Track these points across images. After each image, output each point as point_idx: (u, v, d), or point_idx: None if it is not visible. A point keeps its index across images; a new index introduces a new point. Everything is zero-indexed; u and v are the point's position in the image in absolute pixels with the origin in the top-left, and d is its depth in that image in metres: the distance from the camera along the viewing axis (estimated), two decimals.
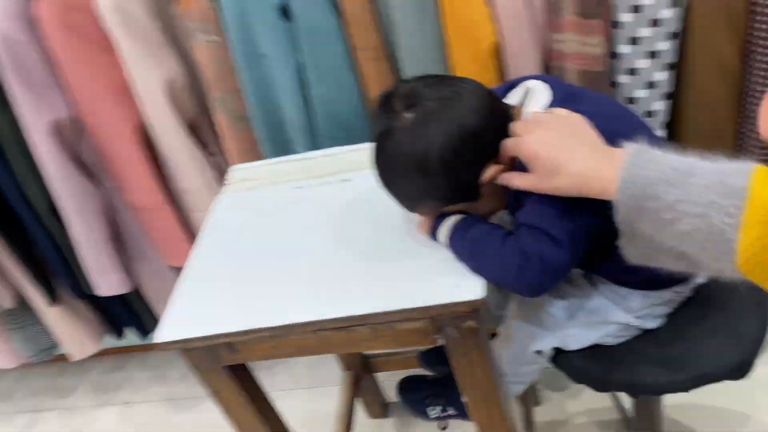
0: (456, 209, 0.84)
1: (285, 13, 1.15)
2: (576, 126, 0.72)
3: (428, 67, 1.12)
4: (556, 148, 0.69)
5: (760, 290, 0.94)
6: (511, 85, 0.88)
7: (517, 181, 0.75)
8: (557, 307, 0.95)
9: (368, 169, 0.93)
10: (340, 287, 0.85)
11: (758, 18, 1.03)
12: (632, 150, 0.64)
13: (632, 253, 0.68)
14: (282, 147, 1.29)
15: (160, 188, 1.38)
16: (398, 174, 0.81)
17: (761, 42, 1.04)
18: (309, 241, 0.95)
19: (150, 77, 1.25)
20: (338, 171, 1.09)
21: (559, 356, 0.95)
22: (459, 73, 1.12)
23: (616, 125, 0.77)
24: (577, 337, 0.94)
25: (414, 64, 1.13)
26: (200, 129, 1.39)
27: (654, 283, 0.91)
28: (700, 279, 0.94)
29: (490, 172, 0.78)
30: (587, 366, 0.93)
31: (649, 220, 0.61)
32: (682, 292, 0.94)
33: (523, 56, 1.09)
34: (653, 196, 0.59)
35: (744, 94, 1.11)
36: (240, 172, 1.16)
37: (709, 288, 0.94)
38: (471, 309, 0.79)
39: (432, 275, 0.83)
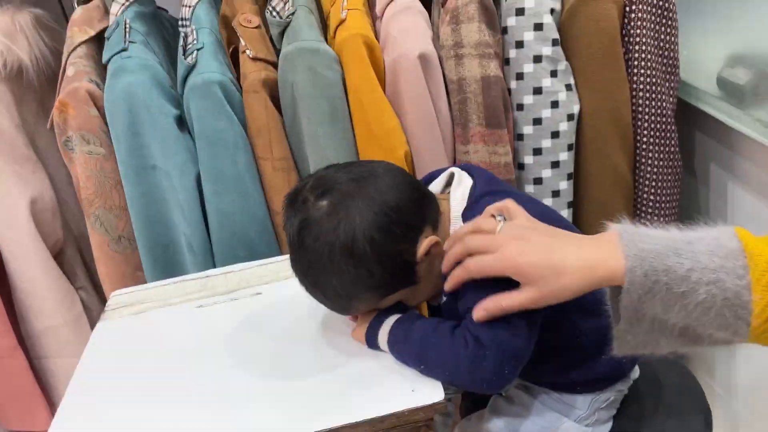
0: (395, 299, 0.76)
1: (181, 121, 1.08)
2: (536, 223, 0.68)
3: None
4: (544, 251, 0.63)
5: (690, 383, 0.94)
6: (431, 176, 0.86)
7: (509, 302, 0.65)
8: (500, 428, 0.86)
9: (281, 280, 0.87)
10: (272, 411, 0.71)
11: (644, 133, 1.13)
12: (619, 229, 0.60)
13: (628, 342, 0.61)
14: (170, 270, 1.14)
15: (9, 329, 1.15)
16: (325, 269, 0.72)
17: (650, 155, 1.13)
18: (220, 365, 0.80)
19: (12, 195, 1.09)
20: (246, 286, 0.97)
21: None
22: None
23: (541, 210, 0.75)
24: None
25: None
26: (66, 257, 1.21)
27: (598, 383, 0.86)
28: (635, 374, 0.90)
29: (424, 245, 0.72)
30: None
31: (660, 298, 0.55)
32: (622, 390, 0.89)
33: (434, 166, 1.09)
34: (665, 270, 0.55)
35: (635, 202, 1.18)
36: (124, 296, 0.99)
37: (637, 385, 0.92)
38: (430, 416, 0.68)
39: (379, 383, 0.72)
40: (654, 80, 1.10)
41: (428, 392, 0.69)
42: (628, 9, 1.07)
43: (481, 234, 0.68)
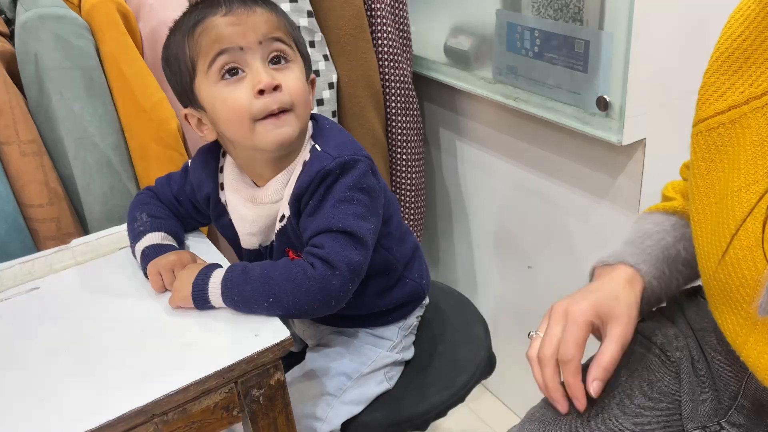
0: None
1: None
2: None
3: (108, 154, 0.98)
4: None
5: (464, 302, 1.09)
6: None
7: (609, 356, 0.61)
8: (337, 374, 0.89)
9: (58, 272, 0.83)
10: (116, 386, 0.64)
11: (392, 98, 1.25)
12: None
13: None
14: None
15: None
16: None
17: (398, 118, 1.27)
18: (39, 358, 0.69)
19: None
20: (16, 284, 0.83)
21: (350, 426, 0.88)
22: (143, 158, 1.02)
23: None
24: (361, 396, 0.89)
25: (86, 153, 0.98)
26: None
27: (406, 306, 0.94)
28: (426, 301, 1.01)
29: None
30: (379, 417, 0.89)
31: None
32: (420, 315, 1.00)
33: None
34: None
35: (389, 161, 1.31)
36: None
37: (424, 313, 1.03)
38: (279, 356, 0.69)
39: (218, 337, 0.70)
40: (395, 50, 1.23)
41: (272, 333, 0.69)
42: None
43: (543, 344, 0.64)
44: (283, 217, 0.79)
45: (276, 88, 0.72)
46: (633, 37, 0.89)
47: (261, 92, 0.71)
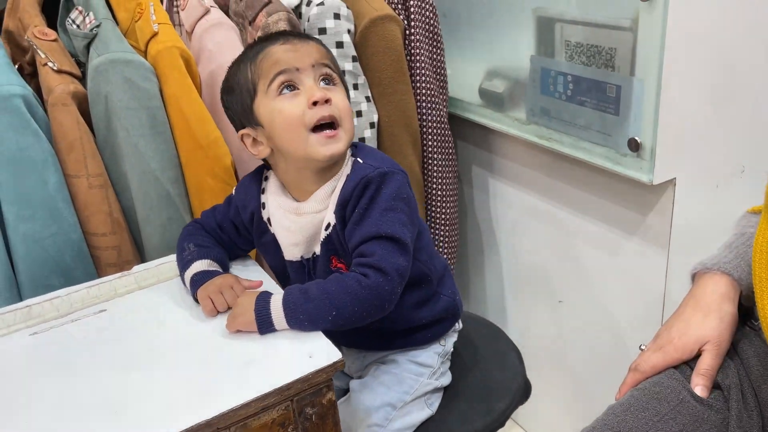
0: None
1: None
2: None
3: (167, 187, 1.06)
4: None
5: (495, 330, 1.12)
6: None
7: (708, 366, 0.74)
8: (382, 405, 0.93)
9: (123, 295, 0.89)
10: (178, 401, 0.69)
11: (428, 137, 1.32)
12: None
13: None
14: None
15: None
16: None
17: (434, 156, 1.33)
18: (114, 371, 0.75)
19: None
20: (83, 306, 0.90)
21: None
22: (199, 191, 1.09)
23: None
24: (406, 424, 0.93)
25: (148, 186, 1.05)
26: None
27: (442, 322, 0.98)
28: (459, 326, 1.04)
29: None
30: None
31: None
32: (455, 341, 1.03)
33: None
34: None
35: (425, 197, 1.37)
36: None
37: (456, 342, 1.06)
38: (331, 375, 0.73)
39: (274, 358, 0.75)
40: (432, 92, 1.30)
41: (325, 355, 0.74)
42: (408, 32, 1.26)
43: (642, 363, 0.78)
44: (328, 225, 0.86)
45: (327, 101, 0.82)
46: (663, 83, 0.94)
47: (314, 103, 0.82)
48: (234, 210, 0.95)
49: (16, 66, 1.09)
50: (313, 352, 0.75)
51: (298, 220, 0.89)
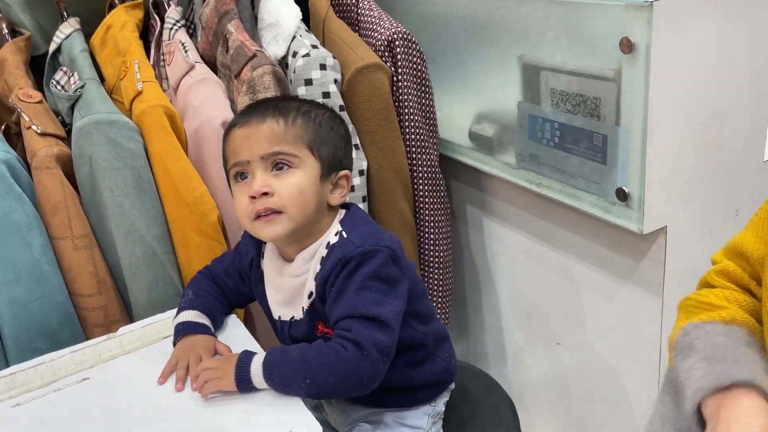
0: None
1: None
2: None
3: (153, 246, 1.05)
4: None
5: (491, 384, 1.10)
6: None
7: None
8: None
9: (106, 362, 0.88)
10: None
11: (419, 182, 1.31)
12: None
13: None
14: None
15: None
16: None
17: (426, 200, 1.32)
18: None
19: None
20: (67, 374, 0.89)
21: None
22: (185, 248, 1.08)
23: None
24: None
25: (134, 245, 1.04)
26: None
27: (435, 386, 0.97)
28: (452, 386, 1.03)
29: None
30: None
31: None
32: (446, 400, 1.01)
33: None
34: None
35: (417, 240, 1.36)
36: None
37: (451, 397, 1.04)
38: None
39: (254, 426, 0.74)
40: (422, 137, 1.30)
41: (305, 428, 0.73)
42: (395, 78, 1.25)
43: None
44: (311, 294, 0.86)
45: (266, 194, 0.82)
46: (649, 133, 0.93)
47: (252, 198, 0.82)
48: (238, 256, 0.97)
49: (3, 126, 1.10)
50: (293, 426, 0.73)
51: (280, 280, 0.90)
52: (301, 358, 0.78)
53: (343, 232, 0.85)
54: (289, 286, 0.88)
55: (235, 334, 0.94)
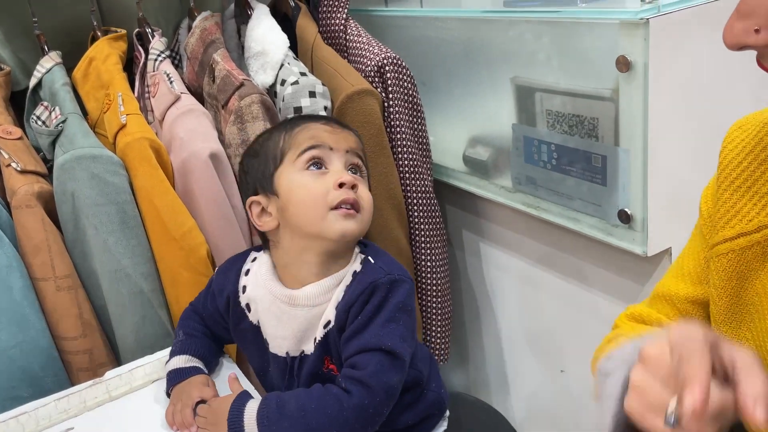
0: None
1: None
2: None
3: (140, 284, 1.01)
4: None
5: (492, 413, 1.06)
6: None
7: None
8: None
9: (92, 409, 0.85)
10: None
11: (414, 208, 1.28)
12: None
13: None
14: None
15: None
16: None
17: (421, 226, 1.29)
18: None
19: None
20: (50, 425, 0.84)
21: None
22: (174, 285, 1.04)
23: None
24: None
25: (120, 284, 1.00)
26: None
27: (429, 419, 0.93)
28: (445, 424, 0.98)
29: None
30: None
31: None
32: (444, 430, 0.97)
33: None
34: None
35: (414, 268, 1.32)
36: None
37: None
38: None
39: None
40: (415, 162, 1.27)
41: None
42: (386, 104, 1.23)
43: None
44: (328, 323, 0.80)
45: (354, 186, 0.82)
46: (650, 152, 0.91)
47: (341, 185, 0.80)
48: (211, 295, 0.91)
49: None
50: None
51: (291, 311, 0.83)
52: (300, 410, 0.73)
53: (369, 258, 0.83)
54: (304, 317, 0.82)
55: (227, 374, 0.90)
